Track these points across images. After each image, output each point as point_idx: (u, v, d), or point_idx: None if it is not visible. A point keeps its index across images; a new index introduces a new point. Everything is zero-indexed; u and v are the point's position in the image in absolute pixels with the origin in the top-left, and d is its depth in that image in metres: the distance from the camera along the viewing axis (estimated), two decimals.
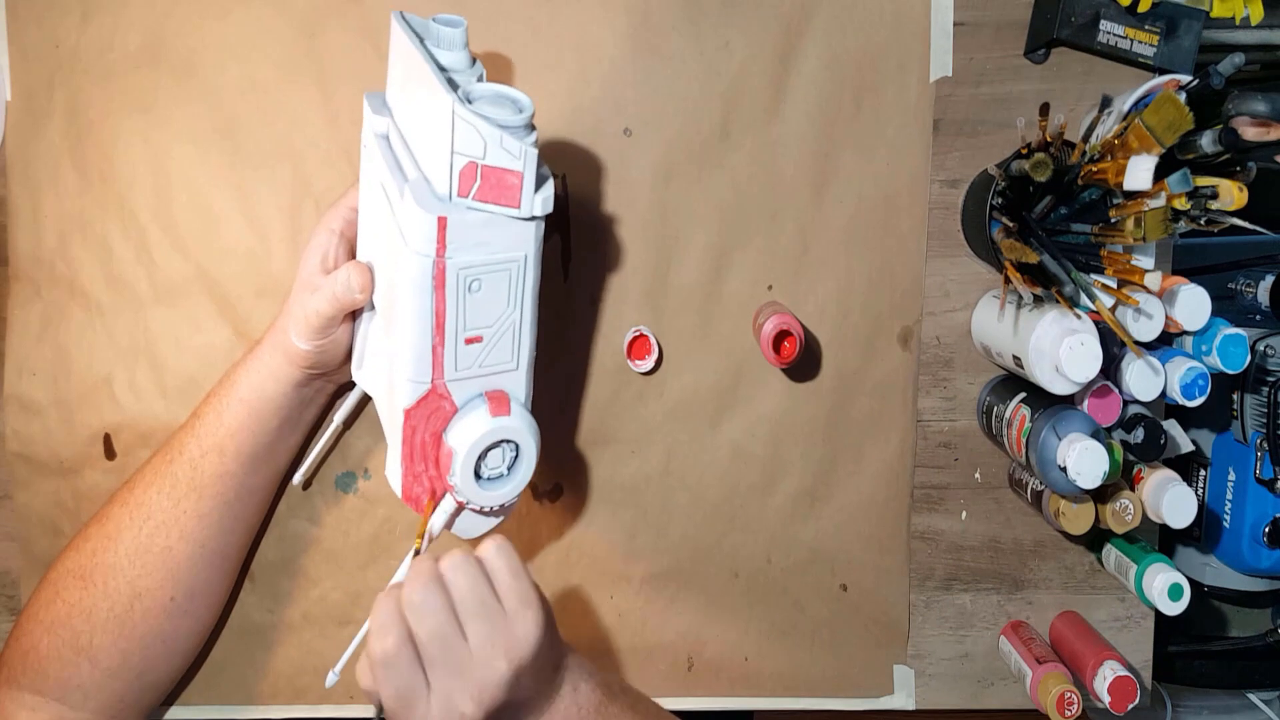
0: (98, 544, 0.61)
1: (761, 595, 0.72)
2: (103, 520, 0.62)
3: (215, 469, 0.61)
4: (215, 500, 0.62)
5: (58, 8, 0.68)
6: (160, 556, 0.61)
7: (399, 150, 0.54)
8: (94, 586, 0.60)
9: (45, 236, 0.70)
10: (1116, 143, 0.56)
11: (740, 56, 0.67)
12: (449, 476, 0.54)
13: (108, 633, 0.60)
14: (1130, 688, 0.62)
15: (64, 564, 0.61)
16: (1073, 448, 0.56)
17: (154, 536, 0.61)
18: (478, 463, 0.55)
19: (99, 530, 0.62)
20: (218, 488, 0.61)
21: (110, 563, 0.60)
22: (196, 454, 0.61)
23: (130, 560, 0.60)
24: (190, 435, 0.61)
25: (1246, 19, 0.63)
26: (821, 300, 0.69)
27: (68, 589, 0.60)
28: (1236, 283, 0.76)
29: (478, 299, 0.52)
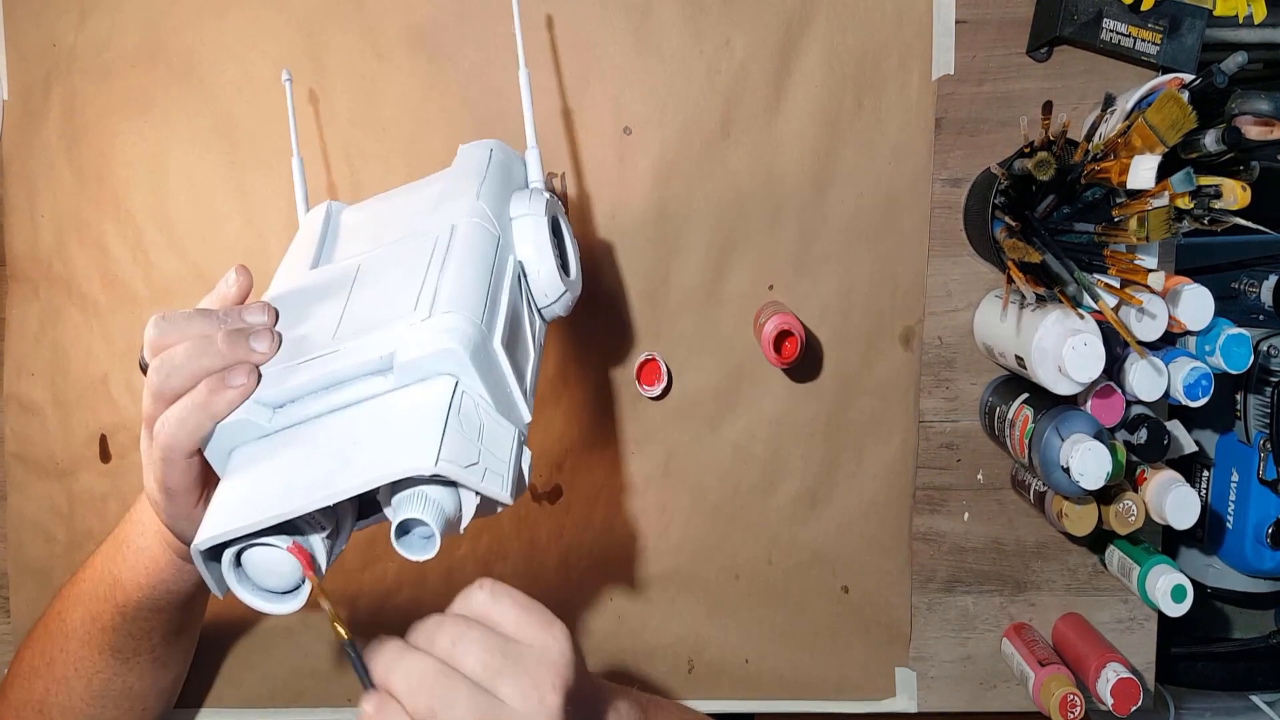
0: (49, 685, 0.58)
1: (762, 597, 0.71)
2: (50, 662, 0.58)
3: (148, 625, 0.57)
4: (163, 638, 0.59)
5: (55, 7, 0.68)
6: (121, 693, 0.59)
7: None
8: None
9: (42, 236, 0.70)
10: (1119, 141, 0.56)
11: (741, 55, 0.67)
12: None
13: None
14: (1133, 690, 0.62)
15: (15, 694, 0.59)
16: (1076, 448, 0.56)
17: (110, 682, 0.58)
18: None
19: (47, 670, 0.58)
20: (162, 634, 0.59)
21: (65, 704, 0.58)
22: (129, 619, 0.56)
23: (89, 703, 0.58)
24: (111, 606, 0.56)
25: (1249, 17, 0.63)
26: (823, 300, 0.69)
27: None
28: (1240, 282, 0.76)
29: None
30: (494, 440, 0.43)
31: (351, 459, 0.40)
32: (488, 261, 0.48)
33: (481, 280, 0.46)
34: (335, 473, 0.40)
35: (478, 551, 0.71)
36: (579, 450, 0.70)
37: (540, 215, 0.52)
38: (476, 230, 0.49)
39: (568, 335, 0.69)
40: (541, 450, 0.71)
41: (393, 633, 0.68)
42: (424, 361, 0.42)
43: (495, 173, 0.53)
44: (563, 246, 0.55)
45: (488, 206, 0.50)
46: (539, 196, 0.53)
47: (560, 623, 0.43)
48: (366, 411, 0.42)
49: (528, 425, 0.47)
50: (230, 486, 0.43)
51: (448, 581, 0.71)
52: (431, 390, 0.42)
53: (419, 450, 0.39)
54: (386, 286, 0.47)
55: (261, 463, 0.43)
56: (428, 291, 0.44)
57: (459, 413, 0.41)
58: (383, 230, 0.53)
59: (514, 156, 0.57)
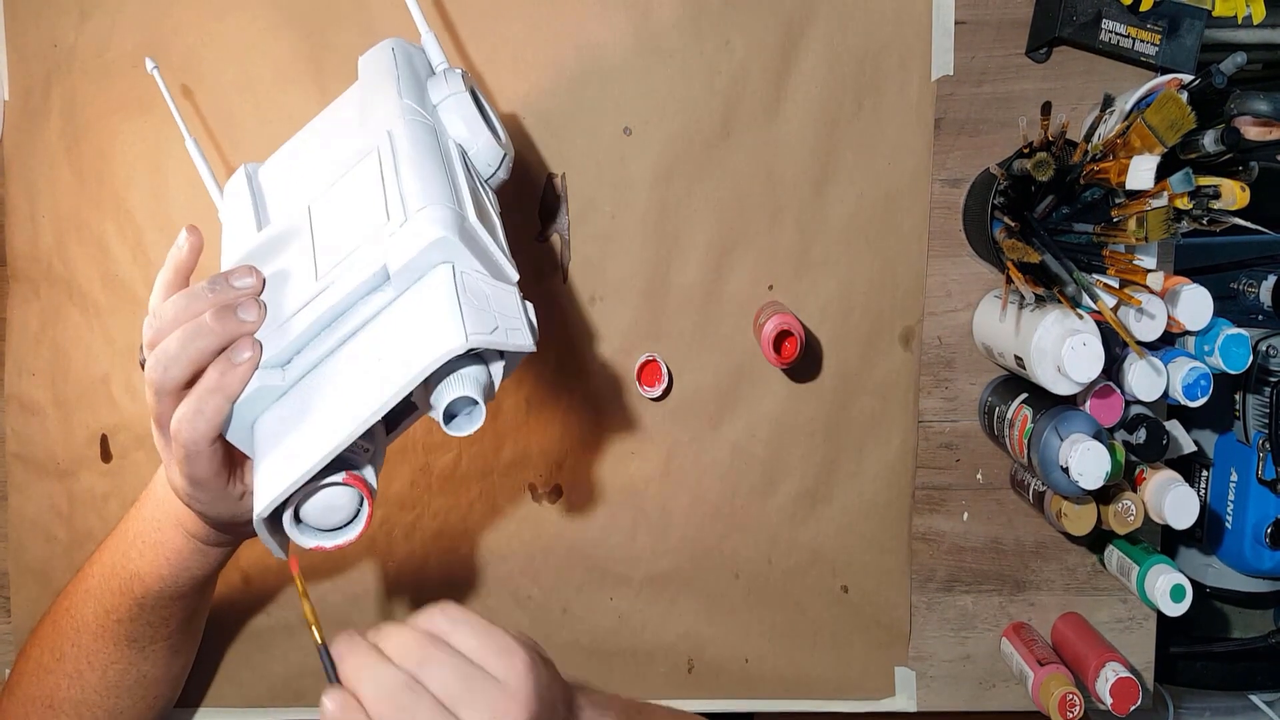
0: (59, 680, 0.57)
1: (762, 597, 0.71)
2: (60, 658, 0.57)
3: (167, 613, 0.57)
4: (180, 624, 0.59)
5: (56, 7, 0.68)
6: (136, 682, 0.59)
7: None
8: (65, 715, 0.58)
9: (42, 236, 0.70)
10: (1119, 142, 0.56)
11: (741, 55, 0.67)
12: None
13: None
14: (1132, 689, 0.62)
15: (22, 690, 0.58)
16: (1075, 448, 0.56)
17: (126, 673, 0.58)
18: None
19: (57, 666, 0.57)
20: (180, 620, 0.59)
21: (78, 697, 0.58)
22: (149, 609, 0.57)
23: (103, 694, 0.58)
24: (128, 599, 0.56)
25: (1248, 18, 0.63)
26: (822, 300, 0.69)
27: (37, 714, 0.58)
28: (1239, 282, 0.76)
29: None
30: (501, 303, 0.44)
31: (384, 370, 0.41)
32: (435, 150, 0.48)
33: (438, 168, 0.47)
34: (373, 387, 0.41)
35: (478, 552, 0.71)
36: (579, 450, 0.71)
37: (463, 92, 0.52)
38: (414, 126, 0.49)
39: (568, 335, 0.69)
40: (542, 450, 0.71)
41: None
42: (418, 260, 0.42)
43: (405, 68, 0.53)
44: (486, 114, 0.54)
45: (413, 101, 0.50)
46: (454, 75, 0.53)
47: (521, 651, 0.42)
48: (378, 326, 0.43)
49: (517, 282, 0.48)
50: (269, 451, 0.43)
51: (448, 581, 0.71)
52: (433, 282, 0.43)
53: (447, 333, 0.40)
54: (348, 211, 0.47)
55: (291, 416, 0.43)
56: (393, 198, 0.45)
57: (465, 290, 0.42)
58: (314, 165, 0.52)
59: (413, 48, 0.57)
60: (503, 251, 0.47)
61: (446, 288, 0.42)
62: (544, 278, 0.69)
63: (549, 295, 0.69)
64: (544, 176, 0.68)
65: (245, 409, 0.44)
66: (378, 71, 0.53)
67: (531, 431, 0.70)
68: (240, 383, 0.43)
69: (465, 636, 0.42)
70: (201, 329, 0.44)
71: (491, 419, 0.70)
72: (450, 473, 0.70)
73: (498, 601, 0.72)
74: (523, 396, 0.70)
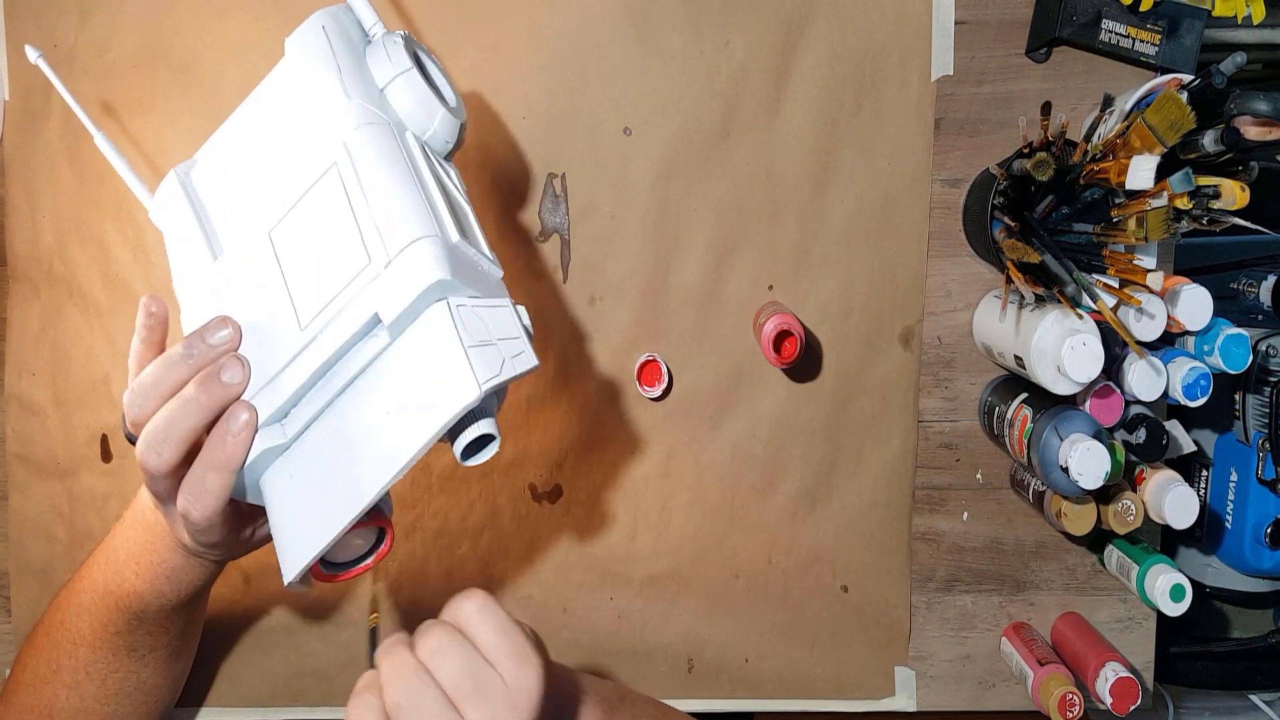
0: (57, 690, 0.57)
1: (762, 596, 0.71)
2: (57, 670, 0.57)
3: (167, 623, 0.57)
4: (180, 630, 0.59)
5: (56, 7, 0.68)
6: (136, 689, 0.59)
7: None
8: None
9: (43, 236, 0.70)
10: (1118, 142, 0.56)
11: (741, 55, 0.67)
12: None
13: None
14: (1132, 689, 0.62)
15: (19, 700, 0.58)
16: (1074, 448, 0.56)
17: (125, 680, 0.58)
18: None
19: (54, 677, 0.57)
20: (180, 627, 0.58)
21: (77, 706, 0.57)
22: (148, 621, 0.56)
23: (103, 702, 0.58)
24: (125, 615, 0.55)
25: (1248, 18, 0.63)
26: (822, 300, 0.69)
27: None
28: (1239, 282, 0.76)
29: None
30: (499, 327, 0.42)
31: (399, 426, 0.40)
32: (400, 160, 0.44)
33: (409, 184, 0.43)
34: (389, 451, 0.40)
35: (478, 551, 0.71)
36: (579, 450, 0.71)
37: (408, 68, 0.47)
38: (370, 134, 0.44)
39: (568, 335, 0.69)
40: (542, 450, 0.71)
41: (392, 632, 0.68)
42: (413, 307, 0.40)
43: (342, 51, 0.48)
44: (434, 81, 0.50)
45: (360, 98, 0.46)
46: (392, 45, 0.48)
47: (535, 659, 0.42)
48: (379, 375, 0.41)
49: (502, 278, 0.46)
50: (286, 514, 0.42)
51: (448, 580, 0.71)
52: (430, 323, 0.40)
53: (459, 387, 0.39)
54: (319, 245, 0.44)
55: (302, 474, 0.42)
56: (369, 231, 0.41)
57: (465, 328, 0.40)
58: (260, 175, 0.48)
59: (342, 13, 0.51)
60: (482, 252, 0.45)
61: (447, 333, 0.40)
62: (544, 278, 0.69)
63: (549, 295, 0.69)
64: (544, 176, 0.68)
65: (250, 471, 0.43)
66: (312, 58, 0.48)
67: (531, 431, 0.70)
68: (242, 452, 0.42)
69: (488, 630, 0.43)
70: (187, 405, 0.42)
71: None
72: (450, 473, 0.70)
73: (498, 600, 0.71)
74: (523, 396, 0.70)
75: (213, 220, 0.49)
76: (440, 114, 0.48)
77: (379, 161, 0.43)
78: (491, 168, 0.68)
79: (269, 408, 0.42)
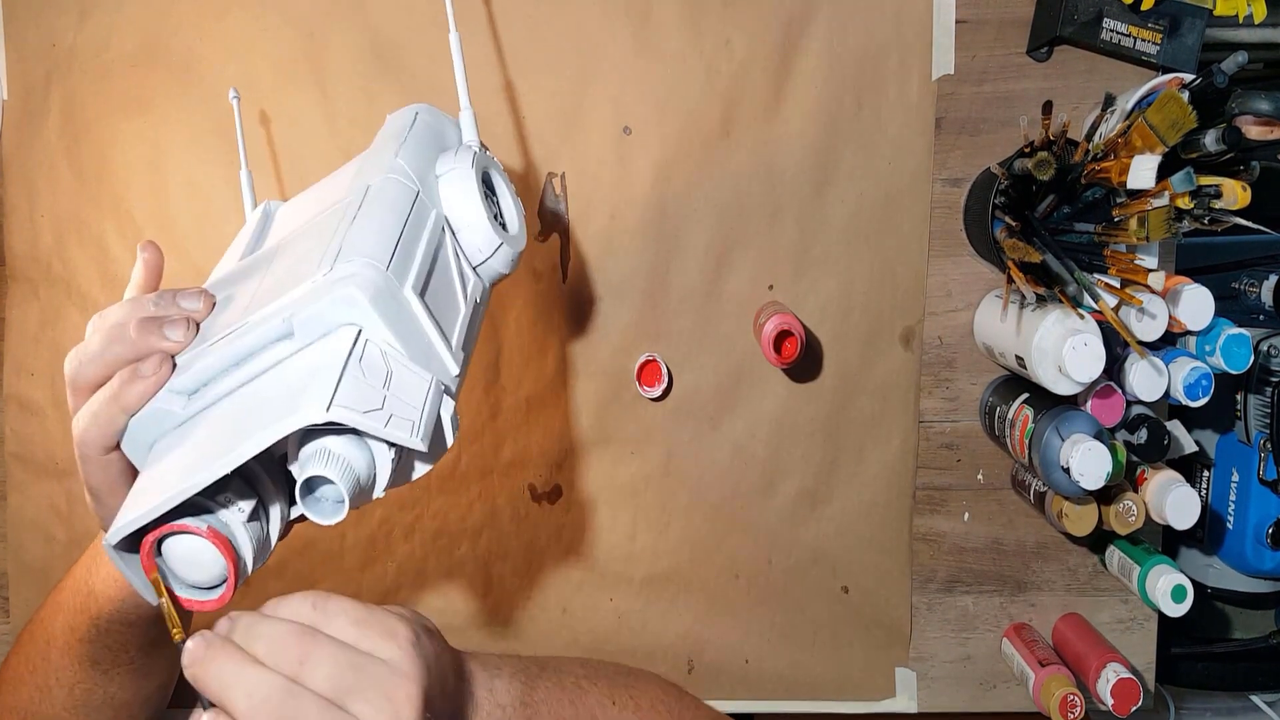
0: (32, 692, 0.56)
1: (762, 597, 0.71)
2: (33, 670, 0.56)
3: (122, 638, 0.55)
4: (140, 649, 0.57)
5: (55, 6, 0.68)
6: (104, 703, 0.57)
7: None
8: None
9: (42, 236, 0.70)
10: (1120, 141, 0.56)
11: (741, 55, 0.67)
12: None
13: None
14: (1133, 690, 0.62)
15: (3, 698, 0.57)
16: (1076, 448, 0.56)
17: (91, 693, 0.57)
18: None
19: (30, 678, 0.56)
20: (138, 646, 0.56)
21: (48, 713, 0.57)
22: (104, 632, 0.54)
23: (71, 712, 0.57)
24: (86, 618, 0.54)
25: (1249, 17, 0.63)
26: (823, 300, 0.69)
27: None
28: (1240, 282, 0.75)
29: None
30: (404, 388, 0.40)
31: (248, 426, 0.38)
32: (400, 212, 0.45)
33: (390, 228, 0.44)
34: (232, 443, 0.38)
35: (478, 551, 0.71)
36: (579, 450, 0.70)
37: (466, 167, 0.49)
38: (389, 184, 0.46)
39: (568, 335, 0.69)
40: (541, 450, 0.70)
41: None
42: (323, 314, 0.40)
43: (420, 134, 0.51)
44: (499, 201, 0.53)
45: (407, 164, 0.48)
46: (466, 151, 0.50)
47: (403, 628, 0.40)
48: (269, 378, 0.41)
49: (456, 379, 0.44)
50: (144, 477, 0.41)
51: (448, 580, 0.71)
52: (332, 342, 0.40)
53: (311, 400, 0.36)
54: (298, 256, 0.45)
55: (174, 449, 0.41)
56: (331, 249, 0.42)
57: (360, 360, 0.39)
58: (308, 210, 0.52)
59: (445, 120, 0.54)
60: (446, 341, 0.44)
61: (339, 351, 0.39)
62: (544, 278, 0.69)
63: (549, 295, 0.69)
64: (544, 176, 0.68)
65: (142, 427, 0.42)
66: (392, 131, 0.52)
67: (531, 431, 0.70)
68: (139, 399, 0.42)
69: (343, 625, 0.39)
70: (123, 336, 0.43)
71: (491, 419, 0.70)
72: (450, 473, 0.70)
73: (497, 601, 0.72)
74: (523, 396, 0.70)
75: (264, 238, 0.53)
76: (480, 218, 0.49)
77: (379, 202, 0.45)
78: None
79: (185, 377, 0.42)
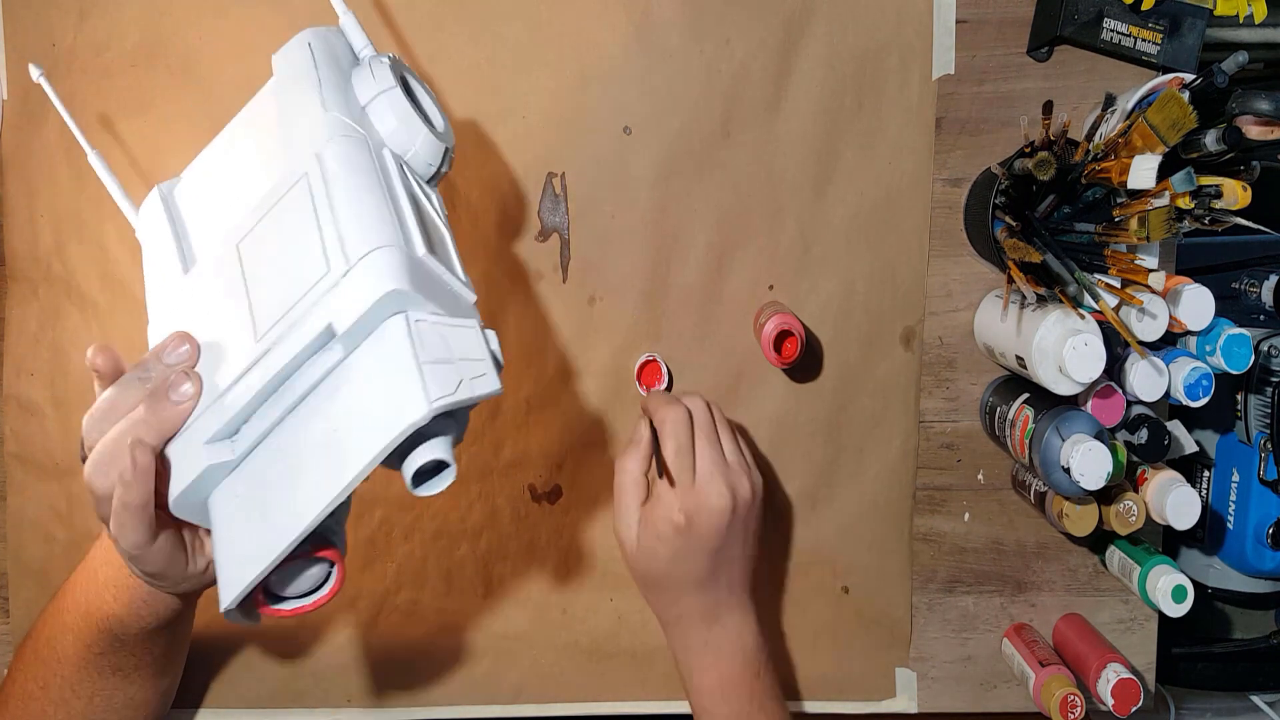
0: (45, 706, 0.57)
1: (762, 597, 0.71)
2: (45, 686, 0.57)
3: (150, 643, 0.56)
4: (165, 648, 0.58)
5: (55, 6, 0.68)
6: (124, 704, 0.58)
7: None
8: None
9: (41, 236, 0.69)
10: (1120, 141, 0.55)
11: (741, 54, 0.67)
12: None
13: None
14: (1134, 690, 0.62)
15: (10, 713, 0.58)
16: (1076, 449, 0.56)
17: (112, 697, 0.58)
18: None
19: (42, 694, 0.57)
20: (164, 645, 0.58)
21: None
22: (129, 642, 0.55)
23: (90, 718, 0.58)
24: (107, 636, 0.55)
25: (1250, 17, 0.63)
26: (823, 300, 0.69)
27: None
28: (1240, 282, 0.75)
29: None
30: (462, 345, 0.40)
31: (343, 445, 0.38)
32: (371, 172, 0.43)
33: (377, 196, 0.42)
34: (332, 469, 0.38)
35: (478, 552, 0.71)
36: (579, 450, 0.70)
37: (392, 87, 0.46)
38: (343, 146, 0.43)
39: (568, 335, 0.69)
40: (541, 450, 0.70)
41: (391, 634, 0.68)
42: (367, 318, 0.38)
43: (326, 67, 0.47)
44: (421, 103, 0.50)
45: (339, 111, 0.45)
46: (380, 66, 0.47)
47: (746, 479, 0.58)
48: (329, 390, 0.39)
49: (475, 303, 0.44)
50: (227, 534, 0.40)
51: (448, 581, 0.71)
52: (386, 337, 0.39)
53: (407, 404, 0.36)
54: (283, 257, 0.42)
55: (247, 495, 0.40)
56: (331, 240, 0.40)
57: (422, 344, 0.38)
58: (235, 189, 0.47)
59: (332, 35, 0.50)
60: (455, 274, 0.44)
61: (401, 347, 0.38)
62: (544, 278, 0.69)
63: (549, 295, 0.69)
64: (544, 176, 0.68)
65: (194, 492, 0.40)
66: (296, 74, 0.47)
67: (531, 431, 0.70)
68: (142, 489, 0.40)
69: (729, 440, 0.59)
70: (136, 425, 0.41)
71: (491, 419, 0.70)
72: None
73: (497, 601, 0.71)
74: (523, 396, 0.70)
75: (190, 235, 0.48)
76: (423, 134, 0.47)
77: (348, 172, 0.42)
78: (492, 167, 0.68)
79: (217, 423, 0.40)
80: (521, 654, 0.72)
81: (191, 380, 0.41)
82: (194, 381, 0.41)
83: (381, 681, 0.72)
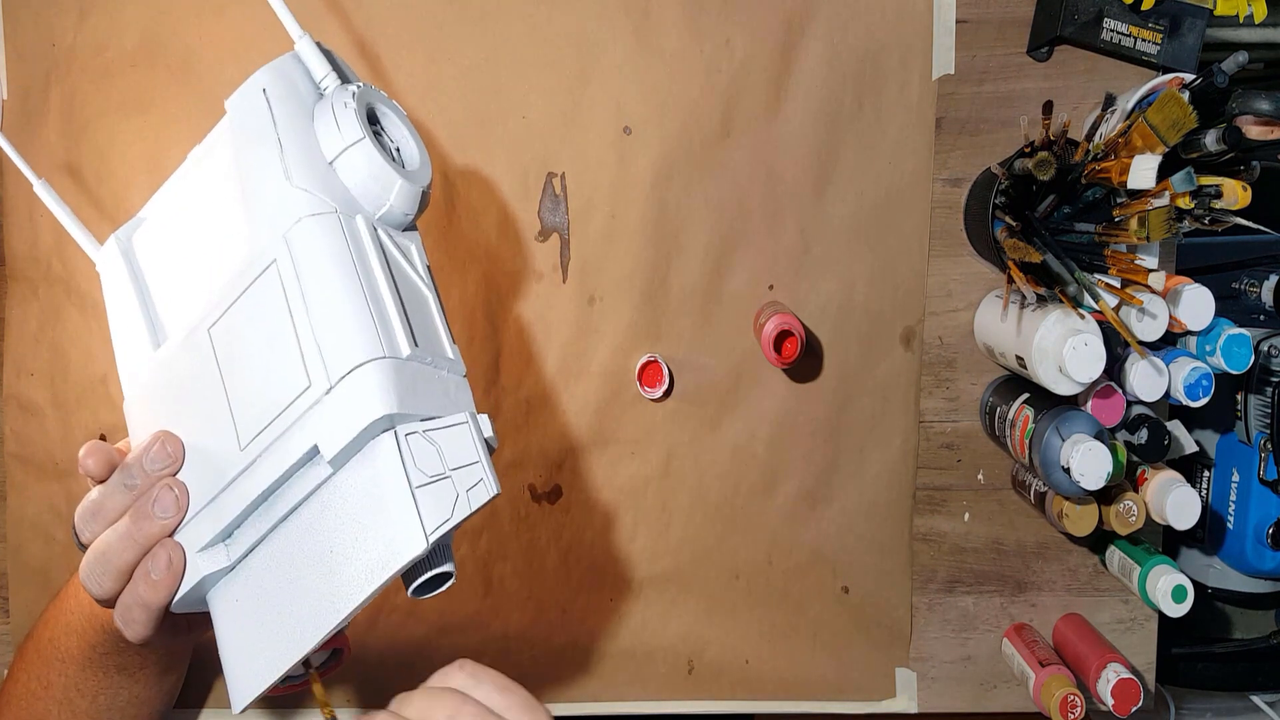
0: (49, 705, 0.57)
1: (762, 597, 0.71)
2: (48, 685, 0.57)
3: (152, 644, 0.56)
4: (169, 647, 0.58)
5: (55, 6, 0.68)
6: (128, 702, 0.59)
7: None
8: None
9: (41, 236, 0.69)
10: (1120, 141, 0.55)
11: (741, 54, 0.67)
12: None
13: None
14: (1134, 690, 0.62)
15: (11, 713, 0.58)
16: (1076, 449, 0.56)
17: (116, 696, 0.58)
18: None
19: (45, 694, 0.57)
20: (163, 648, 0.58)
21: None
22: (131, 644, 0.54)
23: (95, 716, 0.58)
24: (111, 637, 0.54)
25: (1250, 17, 0.63)
26: (823, 300, 0.69)
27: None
28: (1240, 282, 0.75)
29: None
30: (456, 452, 0.39)
31: (341, 572, 0.38)
32: (345, 259, 0.39)
33: (354, 293, 0.38)
34: (332, 592, 0.38)
35: (478, 552, 0.71)
36: (579, 450, 0.70)
37: (358, 139, 0.41)
38: (312, 230, 0.39)
39: (568, 335, 0.69)
40: (541, 450, 0.70)
41: (391, 634, 0.68)
42: (355, 442, 0.37)
43: (285, 122, 0.42)
44: (392, 139, 0.45)
45: (303, 181, 0.40)
46: (342, 109, 0.42)
47: (542, 708, 0.40)
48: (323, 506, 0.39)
49: (465, 373, 0.43)
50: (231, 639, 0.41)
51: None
52: (377, 457, 0.37)
53: (404, 538, 0.36)
54: (258, 357, 0.40)
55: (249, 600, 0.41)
56: (310, 349, 0.38)
57: (414, 463, 0.37)
58: (198, 256, 0.45)
59: (289, 66, 0.45)
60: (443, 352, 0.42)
61: (393, 472, 0.37)
62: (544, 278, 0.69)
63: (549, 295, 0.69)
64: (544, 176, 0.68)
65: (193, 592, 0.41)
66: (253, 133, 0.43)
67: (531, 431, 0.70)
68: (165, 594, 0.41)
69: (489, 692, 0.40)
70: (123, 539, 0.42)
71: (491, 419, 0.70)
72: None
73: (497, 602, 0.71)
74: (523, 397, 0.70)
75: (154, 300, 0.46)
76: (397, 185, 0.43)
77: (321, 264, 0.39)
78: (492, 167, 0.68)
79: (210, 530, 0.40)
80: (521, 654, 0.72)
81: (175, 496, 0.42)
82: (178, 497, 0.42)
83: (381, 681, 0.72)
